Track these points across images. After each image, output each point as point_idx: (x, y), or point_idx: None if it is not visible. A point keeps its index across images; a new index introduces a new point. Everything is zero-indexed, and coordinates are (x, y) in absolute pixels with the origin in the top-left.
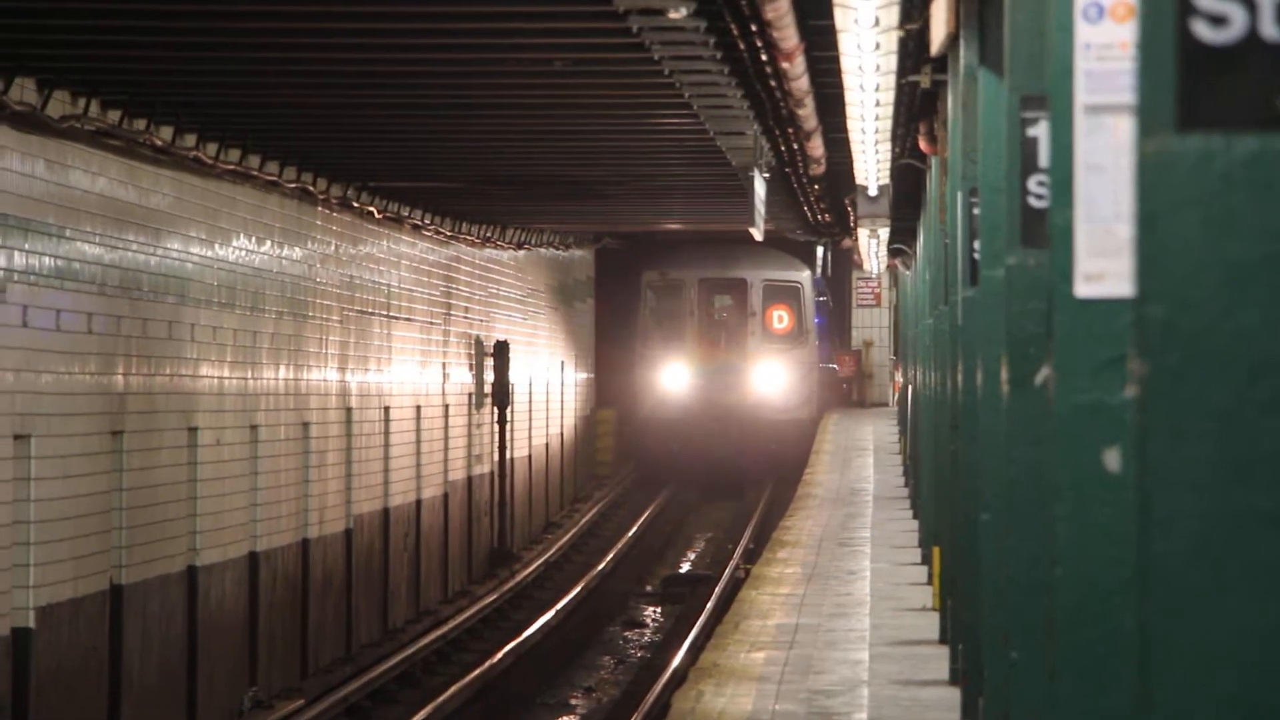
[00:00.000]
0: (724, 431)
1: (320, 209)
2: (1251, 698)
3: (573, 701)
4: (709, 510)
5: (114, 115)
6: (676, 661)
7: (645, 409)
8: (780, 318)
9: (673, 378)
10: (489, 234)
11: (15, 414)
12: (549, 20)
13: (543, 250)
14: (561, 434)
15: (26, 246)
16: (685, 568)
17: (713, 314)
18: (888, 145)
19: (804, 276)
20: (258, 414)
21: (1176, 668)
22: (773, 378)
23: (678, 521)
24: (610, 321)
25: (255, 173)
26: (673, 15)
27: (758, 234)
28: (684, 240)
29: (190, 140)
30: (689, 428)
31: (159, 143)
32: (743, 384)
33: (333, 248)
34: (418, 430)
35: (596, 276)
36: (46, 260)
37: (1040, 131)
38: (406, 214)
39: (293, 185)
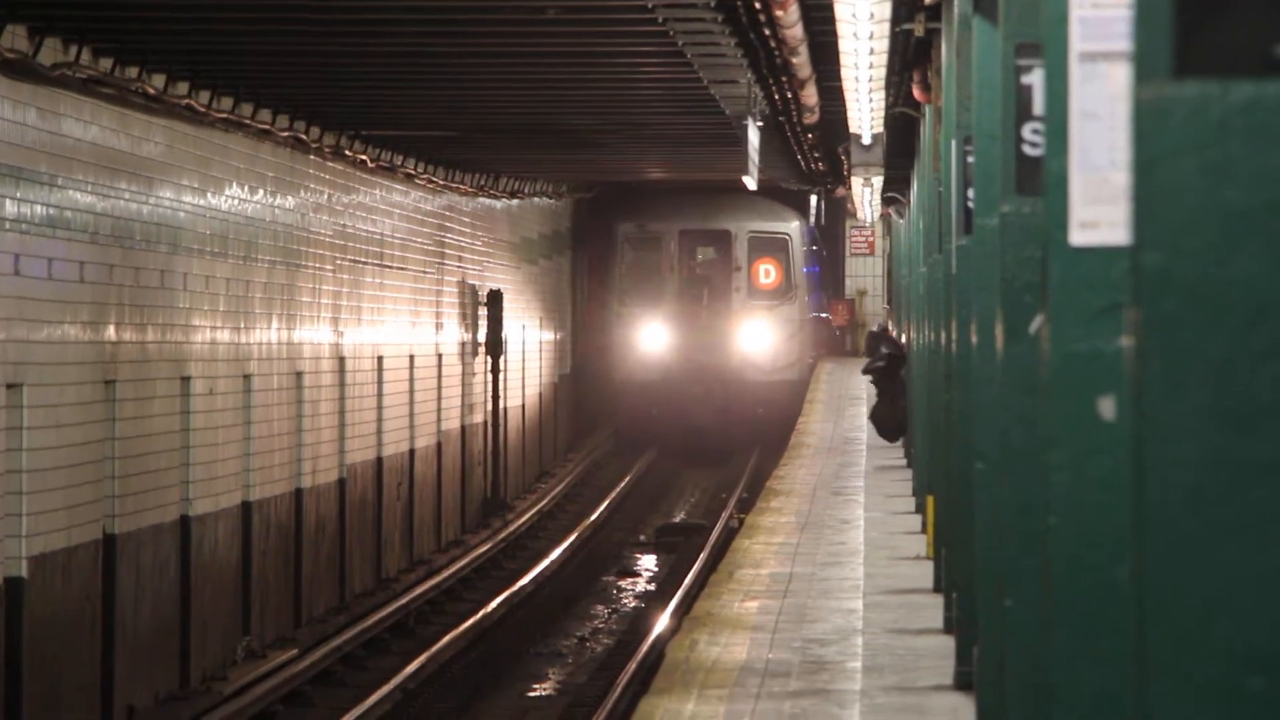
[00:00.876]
0: (707, 395)
1: (313, 157)
2: (1248, 646)
3: (565, 651)
4: (699, 468)
5: (105, 63)
6: (670, 610)
7: (622, 371)
8: (767, 272)
9: (651, 337)
10: (482, 182)
11: (7, 363)
12: None
13: (536, 199)
14: (551, 387)
15: (18, 195)
16: (679, 517)
17: (694, 268)
18: (881, 93)
19: (792, 227)
20: (250, 363)
21: (1172, 616)
22: (759, 336)
23: (672, 471)
24: (587, 277)
25: (248, 121)
26: None
27: (751, 183)
28: (663, 189)
29: (183, 88)
30: (669, 391)
31: (151, 91)
32: (727, 343)
33: (326, 196)
34: (411, 380)
35: (573, 228)
36: (38, 209)
37: (1035, 79)
38: (399, 162)
39: (285, 133)
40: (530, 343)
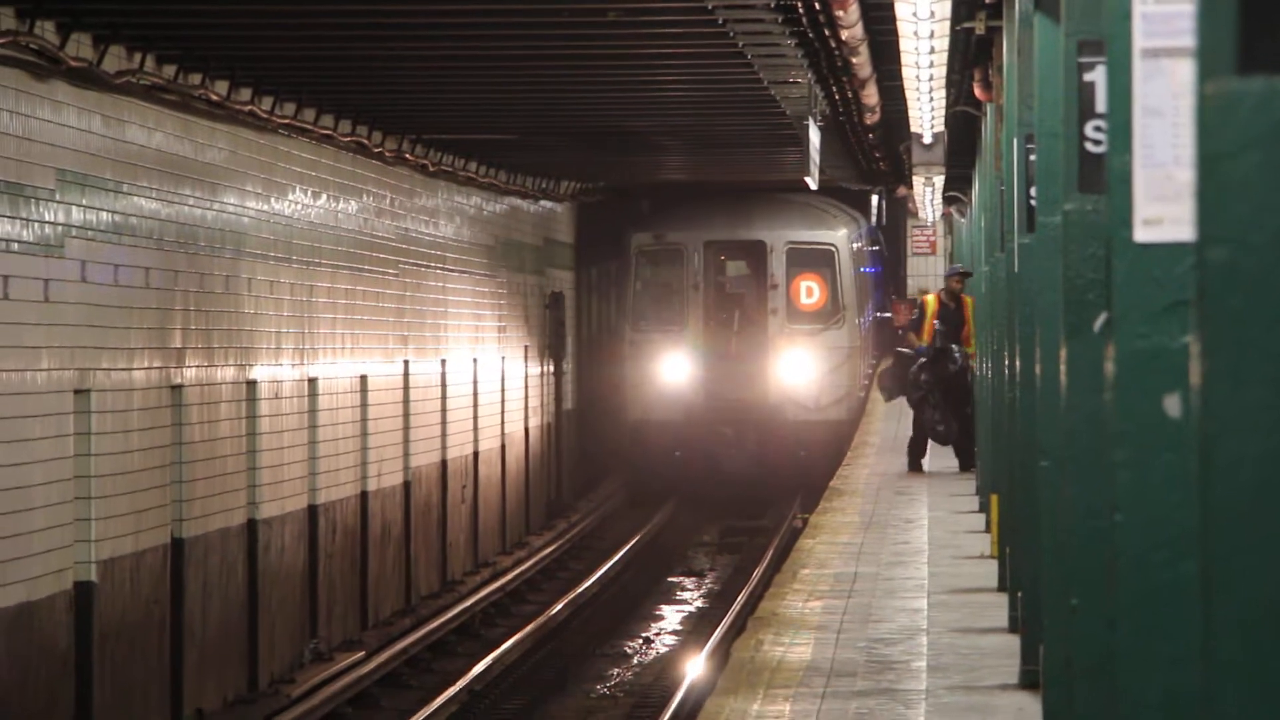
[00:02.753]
0: (738, 438)
1: (375, 162)
2: None
3: (630, 651)
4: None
5: (169, 70)
6: (735, 610)
7: (637, 409)
8: (809, 290)
9: (671, 369)
10: (544, 185)
11: (75, 369)
12: None
13: (522, 201)
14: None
15: (84, 202)
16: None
17: (722, 287)
18: (942, 92)
19: (839, 236)
20: (315, 368)
21: (1239, 614)
22: (801, 367)
23: (692, 528)
24: (593, 297)
25: (310, 126)
26: None
27: (813, 183)
28: (685, 193)
29: (245, 94)
30: (693, 433)
31: (214, 97)
32: (762, 376)
33: (388, 200)
34: (475, 382)
35: (577, 240)
36: (104, 215)
37: (1097, 76)
38: (460, 165)
39: (347, 138)
40: (511, 375)
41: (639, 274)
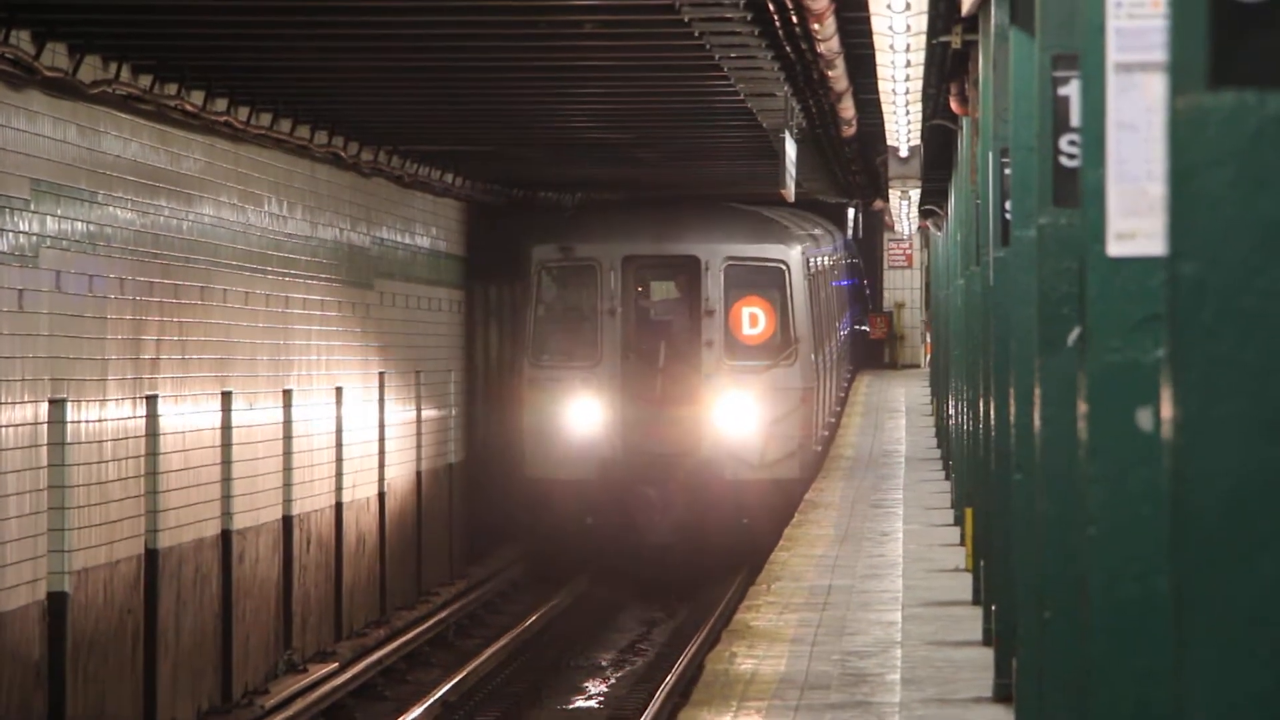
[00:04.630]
0: (664, 501)
1: (350, 173)
2: None
3: (603, 664)
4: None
5: (145, 80)
6: (710, 624)
7: (539, 465)
8: (754, 318)
9: (582, 415)
10: (524, 198)
11: (50, 379)
12: None
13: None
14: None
15: (59, 212)
16: None
17: (646, 313)
18: (919, 106)
19: (792, 254)
20: (290, 378)
21: (1212, 628)
22: (742, 414)
23: (605, 616)
24: (489, 321)
25: (286, 137)
26: None
27: (789, 195)
28: (599, 195)
29: (221, 105)
30: (609, 494)
31: (190, 108)
32: (694, 424)
33: (363, 210)
34: (451, 394)
35: (469, 250)
36: (79, 225)
37: (1071, 90)
38: (437, 177)
39: (323, 149)
40: (364, 419)
41: (541, 296)
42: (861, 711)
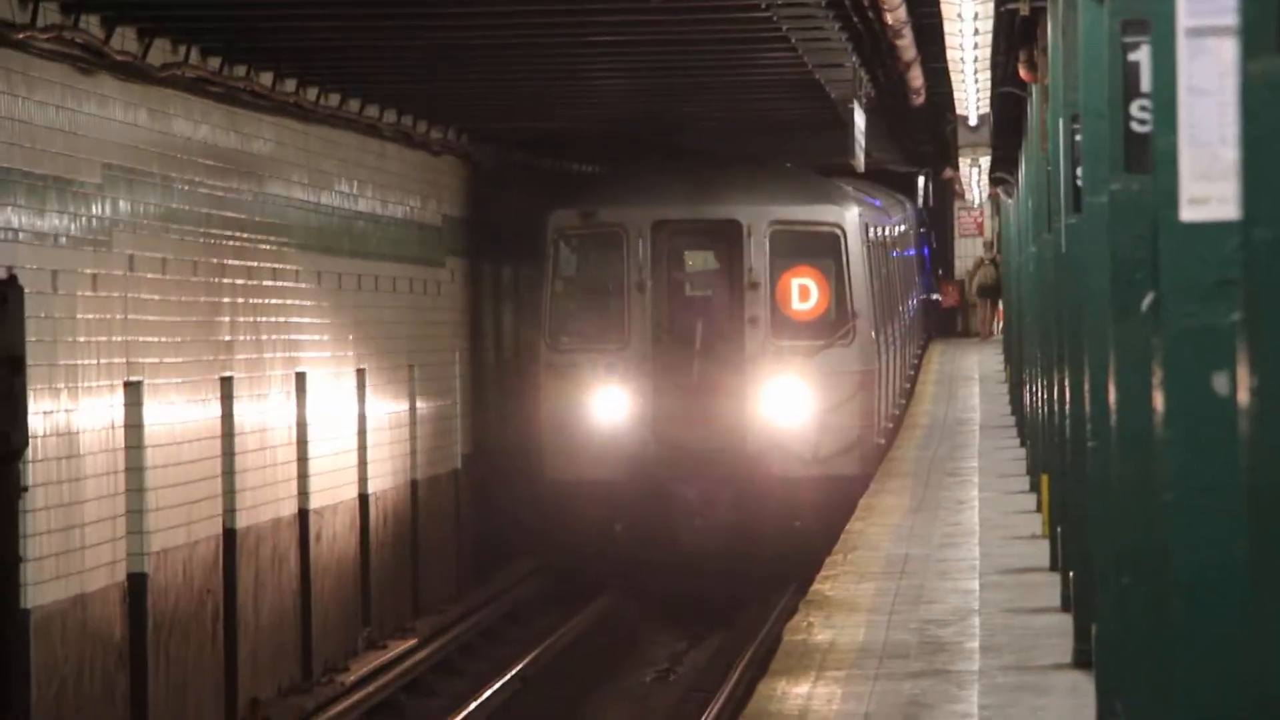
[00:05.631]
0: (705, 503)
1: (420, 151)
2: None
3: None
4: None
5: (214, 63)
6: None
7: (557, 463)
8: (805, 291)
9: (608, 406)
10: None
11: (126, 362)
12: None
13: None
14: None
15: (131, 196)
16: None
17: (681, 287)
18: (987, 74)
19: (848, 217)
20: (365, 358)
21: None
22: (793, 402)
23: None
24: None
25: (355, 116)
26: None
27: (859, 165)
28: (625, 153)
29: (290, 85)
30: (639, 497)
31: (259, 89)
32: (737, 416)
33: (432, 189)
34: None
35: (469, 215)
36: (151, 208)
37: (1142, 56)
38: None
39: (392, 127)
40: (343, 416)
41: (560, 269)
42: (941, 679)
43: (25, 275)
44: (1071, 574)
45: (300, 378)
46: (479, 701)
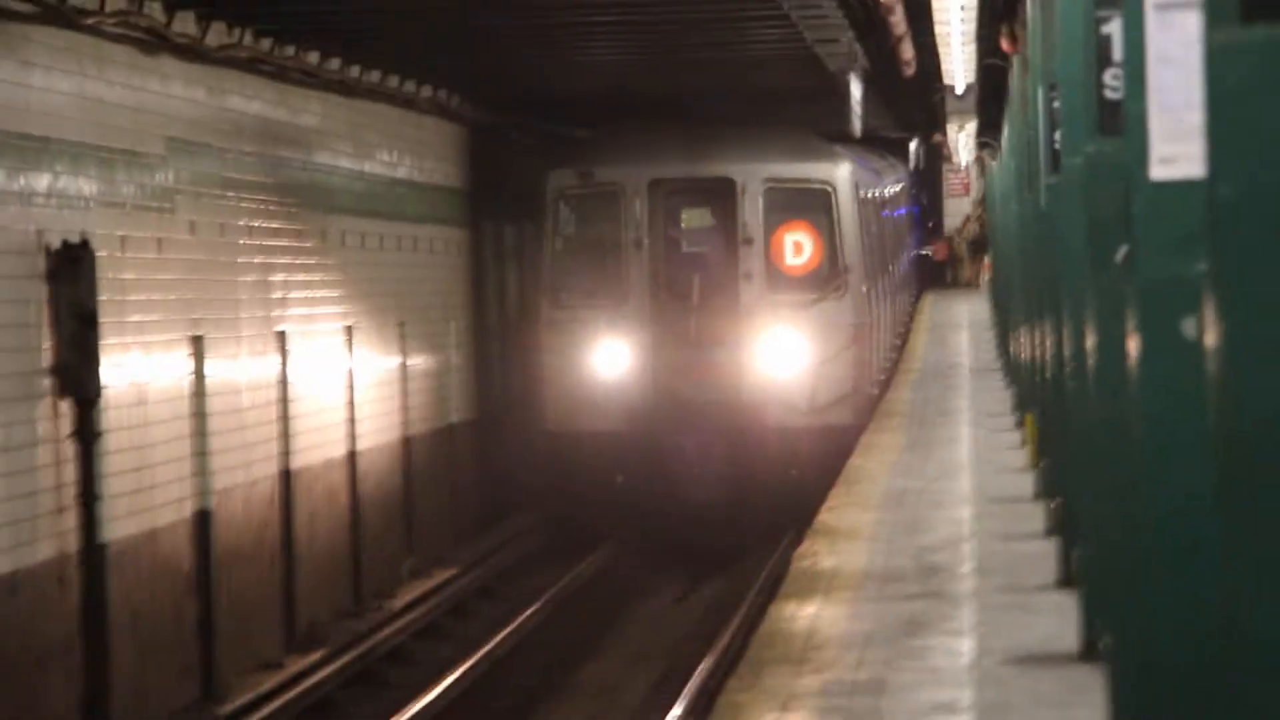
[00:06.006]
0: (702, 454)
1: (455, 124)
2: None
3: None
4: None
5: (265, 44)
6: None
7: (558, 415)
8: (798, 246)
9: (608, 359)
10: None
11: (189, 318)
12: None
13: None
14: None
15: (191, 165)
16: None
17: (677, 243)
18: (973, 46)
19: (840, 173)
20: (405, 312)
21: (1253, 516)
22: (788, 353)
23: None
24: (502, 262)
25: (394, 91)
26: None
27: (856, 133)
28: (622, 115)
29: (335, 64)
30: (639, 448)
31: (307, 66)
32: (734, 367)
33: (466, 156)
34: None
35: (472, 180)
36: (210, 176)
37: (1114, 28)
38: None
39: (428, 100)
40: (387, 366)
41: (560, 227)
42: (936, 600)
43: (97, 240)
44: (1054, 503)
45: (348, 331)
46: (514, 625)
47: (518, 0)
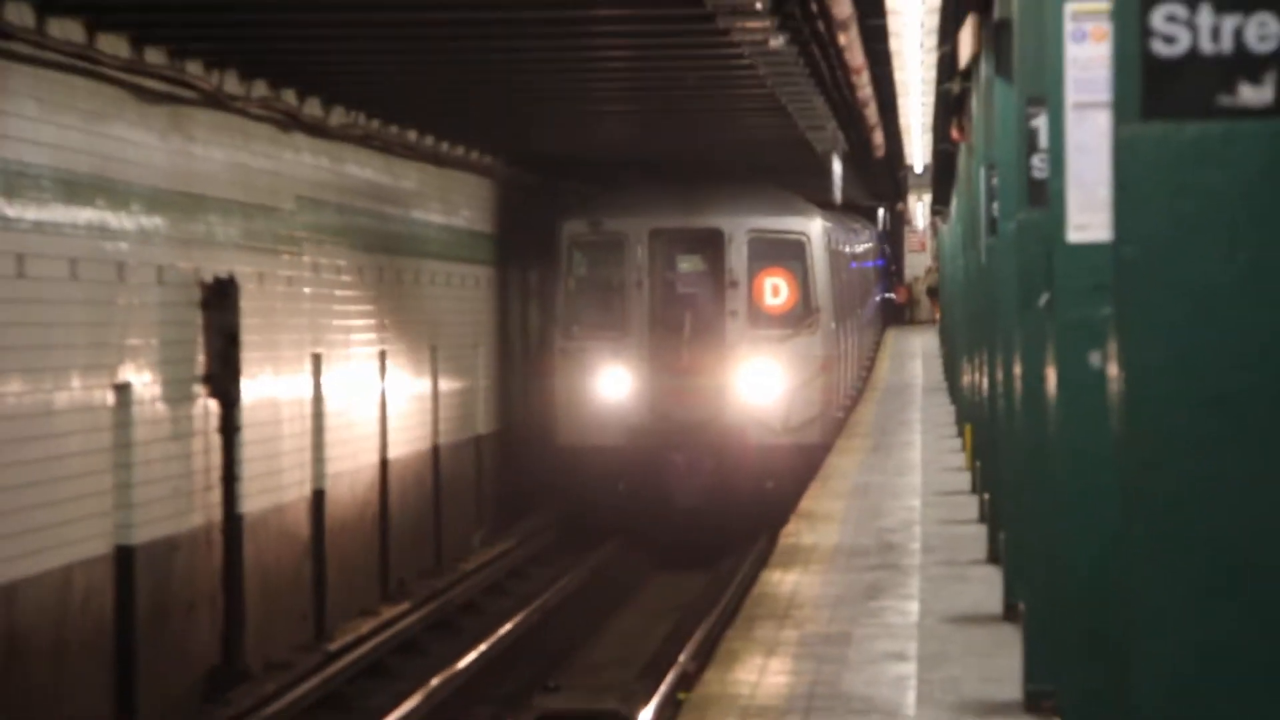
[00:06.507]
0: (691, 466)
1: (487, 179)
2: (1210, 530)
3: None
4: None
5: (375, 124)
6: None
7: (569, 432)
8: (775, 289)
9: (611, 384)
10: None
11: (310, 338)
12: (685, 49)
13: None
14: None
15: (315, 218)
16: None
17: (672, 284)
18: (929, 135)
19: (812, 227)
20: (479, 335)
21: (1151, 508)
22: (765, 381)
23: (630, 583)
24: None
25: (473, 161)
26: (772, 44)
27: (837, 200)
28: (627, 170)
29: (429, 139)
30: (636, 460)
31: (409, 142)
32: (719, 392)
33: (495, 206)
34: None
35: (500, 227)
36: (330, 227)
37: (1040, 122)
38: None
39: (471, 160)
40: (466, 378)
41: (572, 269)
42: (892, 571)
43: (240, 275)
44: (987, 496)
45: (433, 350)
46: (559, 584)
47: (547, 89)
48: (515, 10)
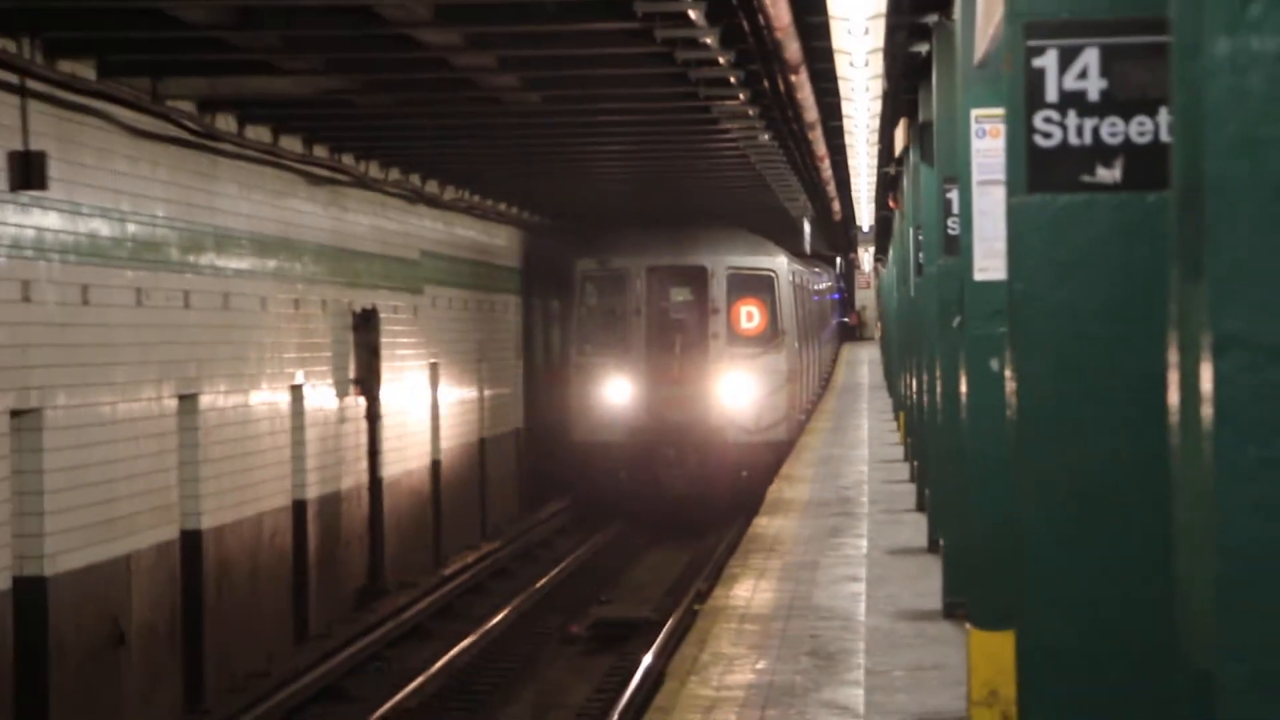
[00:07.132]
0: (680, 458)
1: (515, 227)
2: (1084, 496)
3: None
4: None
5: (475, 197)
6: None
7: (581, 430)
8: (749, 315)
9: (615, 391)
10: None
11: (430, 352)
12: (695, 142)
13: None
14: None
15: (434, 266)
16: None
17: (665, 311)
18: (874, 204)
19: (778, 264)
20: (526, 354)
21: (1033, 479)
22: (741, 389)
23: (631, 550)
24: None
25: (503, 212)
26: (761, 139)
27: (807, 251)
28: (628, 219)
29: (503, 206)
30: (635, 453)
31: (499, 210)
32: (703, 398)
33: (521, 247)
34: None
35: (525, 265)
36: (442, 272)
37: (954, 195)
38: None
39: (506, 213)
40: (507, 386)
41: (584, 299)
42: (848, 517)
43: (381, 307)
44: (915, 462)
45: (496, 363)
46: (588, 544)
47: (570, 153)
48: (559, 117)
